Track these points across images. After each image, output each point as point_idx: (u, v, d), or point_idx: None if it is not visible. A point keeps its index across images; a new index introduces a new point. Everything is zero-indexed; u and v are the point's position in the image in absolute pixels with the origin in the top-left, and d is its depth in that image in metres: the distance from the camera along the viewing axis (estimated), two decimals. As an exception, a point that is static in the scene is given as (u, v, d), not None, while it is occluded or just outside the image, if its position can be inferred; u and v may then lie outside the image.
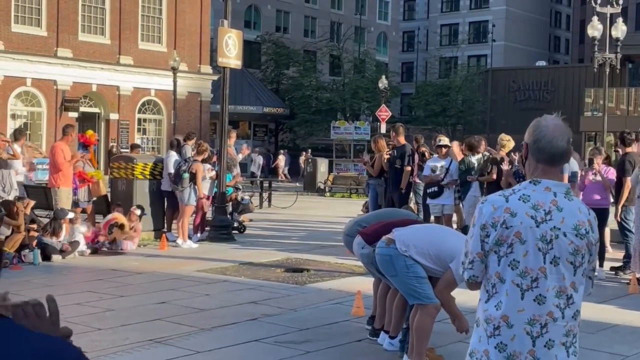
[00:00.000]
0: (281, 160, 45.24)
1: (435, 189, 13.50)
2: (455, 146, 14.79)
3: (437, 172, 13.52)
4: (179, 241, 14.29)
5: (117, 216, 13.72)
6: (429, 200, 13.75)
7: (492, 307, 3.24)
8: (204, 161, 14.93)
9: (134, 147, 19.24)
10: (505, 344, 3.17)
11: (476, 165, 13.13)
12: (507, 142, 13.12)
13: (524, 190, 3.25)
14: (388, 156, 14.17)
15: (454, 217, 14.44)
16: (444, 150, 13.75)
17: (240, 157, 19.20)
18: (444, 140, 14.15)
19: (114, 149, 33.96)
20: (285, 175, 44.40)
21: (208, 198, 15.31)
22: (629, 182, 11.52)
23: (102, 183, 14.97)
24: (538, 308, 3.15)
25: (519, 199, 3.22)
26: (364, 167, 14.72)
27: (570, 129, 3.42)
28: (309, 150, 43.40)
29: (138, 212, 14.03)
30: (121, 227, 13.55)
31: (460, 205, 13.98)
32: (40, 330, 1.46)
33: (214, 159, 15.82)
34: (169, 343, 7.48)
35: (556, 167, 3.30)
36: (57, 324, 1.56)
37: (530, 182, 3.27)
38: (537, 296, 3.16)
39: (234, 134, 20.26)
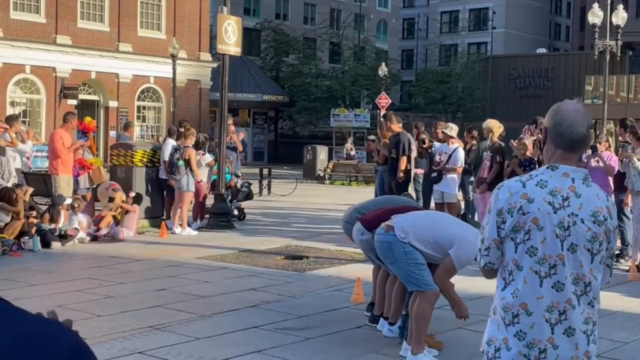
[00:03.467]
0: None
1: (435, 174, 13.50)
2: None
3: (440, 158, 13.52)
4: (177, 229, 14.30)
5: (115, 192, 13.75)
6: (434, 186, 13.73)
7: (509, 294, 3.20)
8: (197, 147, 14.90)
9: (127, 125, 19.04)
10: (525, 332, 3.14)
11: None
12: (498, 128, 12.99)
13: (541, 175, 3.19)
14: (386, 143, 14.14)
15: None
16: (448, 137, 13.71)
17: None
18: (450, 126, 14.11)
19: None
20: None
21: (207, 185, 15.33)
22: None
23: (102, 170, 14.95)
24: (557, 295, 3.12)
25: (537, 185, 3.17)
26: (374, 153, 14.56)
27: None
28: (350, 139, 39.76)
29: (132, 194, 14.03)
30: (111, 200, 13.60)
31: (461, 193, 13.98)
32: None
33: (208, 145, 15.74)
34: (168, 329, 7.48)
35: (575, 153, 3.24)
36: None
37: (547, 167, 3.21)
38: (556, 283, 3.12)
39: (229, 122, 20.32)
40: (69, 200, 13.09)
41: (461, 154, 13.51)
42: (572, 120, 3.16)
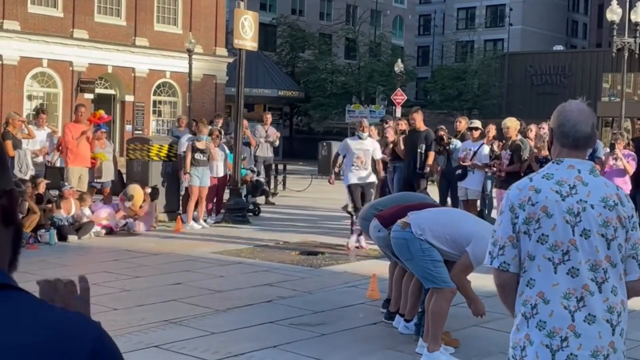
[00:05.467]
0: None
1: (460, 171, 13.43)
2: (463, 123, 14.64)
3: (465, 155, 13.44)
4: (188, 223, 14.36)
5: (134, 188, 13.77)
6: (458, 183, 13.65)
7: (524, 286, 3.21)
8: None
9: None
10: (545, 321, 3.14)
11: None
12: (516, 127, 12.90)
13: (547, 169, 3.28)
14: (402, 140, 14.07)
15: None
16: (475, 133, 13.64)
17: (262, 140, 19.20)
18: (476, 122, 14.06)
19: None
20: None
21: (224, 179, 15.36)
22: None
23: (104, 166, 14.93)
24: (572, 281, 3.12)
25: (543, 177, 3.24)
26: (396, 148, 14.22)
27: None
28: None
29: (148, 190, 14.06)
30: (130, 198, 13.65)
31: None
32: (69, 306, 1.46)
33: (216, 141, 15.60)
34: (184, 324, 7.50)
35: (580, 152, 3.29)
36: (87, 301, 1.56)
37: (553, 162, 3.30)
38: (570, 269, 3.12)
39: (269, 116, 20.40)
40: (67, 186, 13.11)
41: (486, 150, 13.41)
42: (576, 120, 3.24)
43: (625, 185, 11.57)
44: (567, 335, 3.11)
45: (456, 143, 14.01)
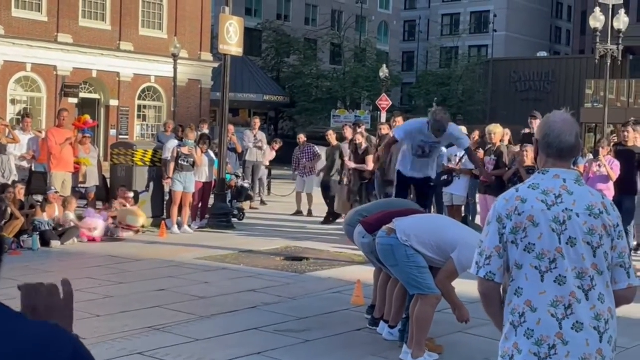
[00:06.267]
0: None
1: (446, 177, 13.47)
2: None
3: (452, 162, 13.48)
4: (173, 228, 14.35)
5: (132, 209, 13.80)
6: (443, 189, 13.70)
7: (512, 294, 3.23)
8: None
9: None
10: (532, 329, 3.15)
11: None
12: (500, 133, 12.96)
13: (533, 180, 3.31)
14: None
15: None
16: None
17: (250, 145, 19.19)
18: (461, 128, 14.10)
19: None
20: None
21: (210, 184, 15.33)
22: None
23: (88, 171, 14.85)
24: (559, 289, 3.14)
25: (529, 187, 3.27)
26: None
27: None
28: None
29: (131, 194, 14.01)
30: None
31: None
32: (51, 310, 1.45)
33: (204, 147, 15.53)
34: (167, 330, 7.46)
35: (565, 161, 3.32)
36: (70, 305, 1.55)
37: (539, 172, 3.33)
38: (557, 277, 3.15)
39: (257, 120, 20.40)
40: (52, 191, 13.06)
41: None
42: (560, 131, 3.28)
43: (609, 191, 11.63)
44: (555, 343, 3.12)
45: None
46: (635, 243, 12.88)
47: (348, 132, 16.66)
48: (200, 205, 15.47)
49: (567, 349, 3.10)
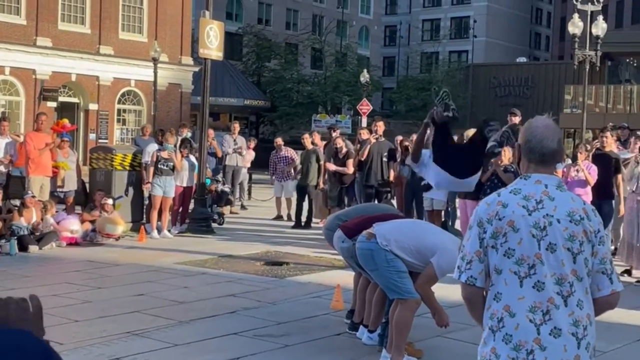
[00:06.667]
0: None
1: (426, 182, 13.48)
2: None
3: None
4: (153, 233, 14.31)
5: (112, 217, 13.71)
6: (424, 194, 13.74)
7: (491, 299, 3.24)
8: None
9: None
10: (510, 334, 3.16)
11: None
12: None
13: (515, 185, 3.32)
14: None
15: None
16: None
17: (230, 150, 19.17)
18: None
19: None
20: None
21: (191, 189, 15.27)
22: None
23: (67, 175, 14.76)
24: (538, 295, 3.15)
25: (510, 192, 3.28)
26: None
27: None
28: None
29: (110, 201, 13.93)
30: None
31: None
32: (23, 323, 1.44)
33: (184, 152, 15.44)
34: (146, 335, 7.43)
35: (547, 167, 3.33)
36: (39, 319, 1.54)
37: (521, 177, 3.34)
38: (536, 282, 3.16)
39: (237, 125, 20.43)
40: (29, 194, 12.97)
41: None
42: (542, 136, 3.30)
43: (587, 195, 11.71)
44: (532, 349, 3.13)
45: (422, 153, 14.07)
46: (613, 247, 12.98)
47: (317, 139, 16.80)
48: (180, 209, 15.42)
49: (544, 354, 3.12)
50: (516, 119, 14.12)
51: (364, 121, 35.61)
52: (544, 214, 3.19)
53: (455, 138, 14.20)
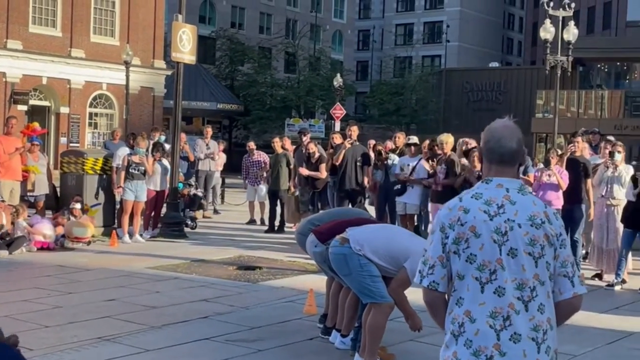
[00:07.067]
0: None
1: (399, 187, 13.55)
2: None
3: (404, 171, 13.57)
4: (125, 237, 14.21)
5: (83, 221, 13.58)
6: (397, 198, 13.77)
7: (453, 304, 3.24)
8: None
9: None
10: (471, 340, 3.16)
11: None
12: (452, 142, 13.09)
13: (476, 189, 3.32)
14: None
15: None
16: (413, 149, 13.79)
17: (202, 156, 19.09)
18: (413, 138, 14.21)
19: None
20: None
21: (164, 193, 15.19)
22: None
23: (37, 179, 14.60)
24: (498, 300, 3.16)
25: (472, 197, 3.28)
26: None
27: (521, 130, 3.45)
28: None
29: (78, 205, 13.81)
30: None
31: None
32: None
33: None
34: (118, 341, 7.36)
35: (508, 167, 3.33)
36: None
37: (482, 181, 3.35)
38: (497, 288, 3.16)
39: (209, 129, 20.39)
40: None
41: (424, 164, 13.54)
42: (500, 136, 3.31)
43: (558, 200, 11.81)
44: (492, 354, 3.13)
45: (394, 158, 14.13)
46: (584, 252, 13.08)
47: (287, 143, 16.80)
48: (152, 214, 15.32)
49: (504, 359, 3.13)
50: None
51: (337, 125, 35.63)
52: (506, 219, 3.19)
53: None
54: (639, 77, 48.18)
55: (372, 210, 13.81)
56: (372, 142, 15.41)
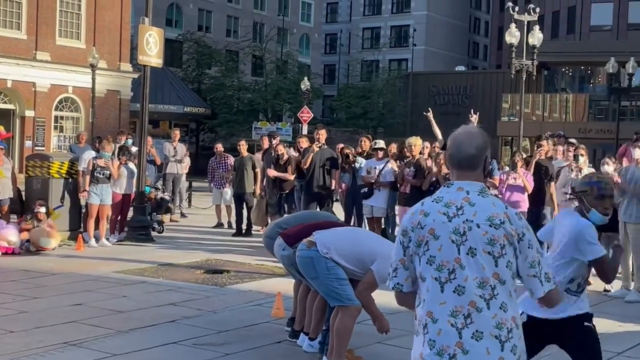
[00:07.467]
0: None
1: (366, 190, 13.61)
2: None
3: (371, 174, 13.63)
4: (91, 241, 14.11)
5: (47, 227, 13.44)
6: (363, 201, 13.82)
7: (417, 306, 3.33)
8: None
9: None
10: (434, 340, 3.22)
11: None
12: (419, 145, 13.20)
13: (438, 193, 3.40)
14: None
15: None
16: (380, 153, 13.86)
17: (171, 159, 19.02)
18: (380, 143, 14.29)
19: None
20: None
21: (130, 197, 15.09)
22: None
23: (1, 183, 14.44)
24: (458, 299, 3.21)
25: (433, 201, 3.37)
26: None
27: (487, 133, 3.51)
28: None
29: (43, 209, 13.68)
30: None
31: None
32: None
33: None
34: (84, 346, 7.32)
35: (467, 172, 3.40)
36: None
37: (444, 185, 3.44)
38: (456, 287, 3.22)
39: (177, 132, 20.33)
40: None
41: (391, 167, 13.62)
42: (460, 142, 3.41)
43: (524, 202, 11.95)
44: (455, 353, 3.18)
45: (361, 161, 14.19)
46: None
47: (265, 143, 16.74)
48: (119, 217, 15.22)
49: (467, 357, 3.17)
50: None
51: (305, 129, 35.66)
52: (464, 220, 3.26)
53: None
54: (603, 81, 48.81)
55: (340, 214, 13.86)
56: (340, 145, 15.46)
